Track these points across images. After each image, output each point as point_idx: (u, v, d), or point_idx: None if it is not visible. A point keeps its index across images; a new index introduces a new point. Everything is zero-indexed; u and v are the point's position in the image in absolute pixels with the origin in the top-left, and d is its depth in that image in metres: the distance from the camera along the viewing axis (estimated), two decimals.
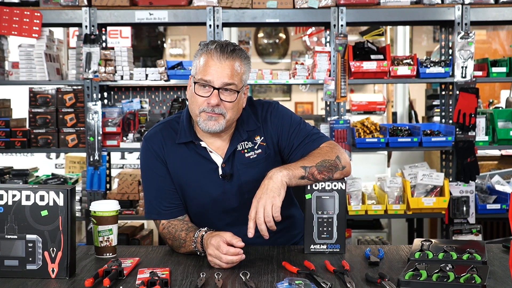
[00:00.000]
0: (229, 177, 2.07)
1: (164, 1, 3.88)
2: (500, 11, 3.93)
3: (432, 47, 7.95)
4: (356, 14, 3.90)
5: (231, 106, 2.00)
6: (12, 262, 1.75)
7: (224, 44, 2.00)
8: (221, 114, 1.99)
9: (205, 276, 1.72)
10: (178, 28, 8.98)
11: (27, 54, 3.94)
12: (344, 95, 3.89)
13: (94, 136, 3.89)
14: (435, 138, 3.90)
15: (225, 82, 1.97)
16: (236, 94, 2.00)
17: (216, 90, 1.97)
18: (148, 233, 4.32)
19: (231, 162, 2.08)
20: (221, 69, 1.97)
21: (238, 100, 2.01)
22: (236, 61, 2.00)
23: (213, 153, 2.08)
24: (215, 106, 1.97)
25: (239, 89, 2.01)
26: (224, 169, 2.07)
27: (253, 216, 1.86)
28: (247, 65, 2.05)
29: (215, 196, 2.08)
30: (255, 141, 2.10)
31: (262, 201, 1.86)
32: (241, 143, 2.09)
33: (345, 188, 1.99)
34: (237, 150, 2.08)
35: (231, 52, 1.99)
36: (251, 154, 2.09)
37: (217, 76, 1.97)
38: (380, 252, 1.96)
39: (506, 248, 2.05)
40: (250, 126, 2.11)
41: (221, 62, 1.97)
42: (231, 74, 1.98)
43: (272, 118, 2.13)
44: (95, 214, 1.97)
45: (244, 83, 2.04)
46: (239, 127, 2.10)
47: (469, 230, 3.88)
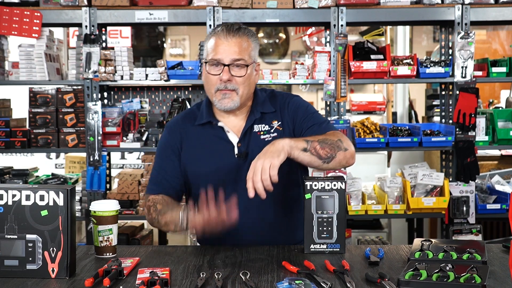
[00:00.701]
0: (244, 156, 2.13)
1: (164, 1, 3.88)
2: (500, 11, 3.93)
3: (432, 47, 7.95)
4: (356, 14, 3.90)
5: (243, 81, 2.10)
6: (12, 262, 1.75)
7: (229, 24, 2.13)
8: (233, 90, 2.10)
9: (205, 276, 1.72)
10: (178, 28, 8.98)
11: (27, 54, 3.94)
12: (344, 95, 3.89)
13: (94, 136, 3.89)
14: (435, 138, 3.90)
15: (234, 58, 2.08)
16: (246, 68, 2.10)
17: (227, 67, 2.08)
18: (148, 233, 4.32)
19: (246, 141, 2.15)
20: (229, 47, 2.09)
21: (249, 75, 2.12)
22: (243, 38, 2.11)
23: (230, 133, 2.16)
24: (227, 81, 2.09)
25: (248, 64, 2.11)
26: (240, 148, 2.15)
27: (251, 176, 1.86)
28: (255, 42, 2.16)
29: (230, 176, 2.13)
30: (272, 124, 2.19)
31: (260, 161, 1.88)
32: (258, 125, 2.18)
33: (345, 187, 1.99)
34: (254, 132, 2.17)
35: (237, 30, 2.11)
36: (266, 136, 2.16)
37: (226, 54, 2.08)
38: (380, 252, 1.96)
39: (506, 248, 2.05)
40: (265, 108, 2.20)
41: (228, 40, 2.09)
42: (239, 50, 2.09)
43: (290, 105, 2.21)
44: (95, 214, 1.97)
45: (253, 59, 2.14)
46: (253, 108, 2.19)
47: (469, 230, 3.88)
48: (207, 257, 1.96)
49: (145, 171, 4.06)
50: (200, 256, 1.98)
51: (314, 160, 1.99)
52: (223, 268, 1.82)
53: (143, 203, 2.19)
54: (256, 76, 2.20)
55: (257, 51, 2.18)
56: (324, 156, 2.00)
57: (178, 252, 2.04)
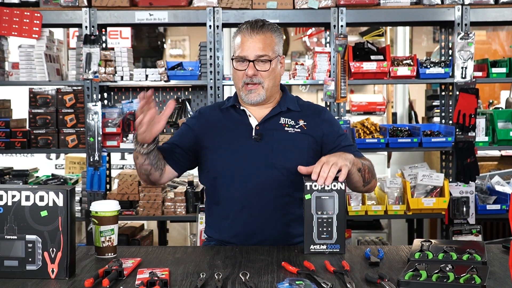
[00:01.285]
0: (259, 138, 2.25)
1: (164, 2, 3.88)
2: (500, 11, 3.93)
3: (432, 48, 7.95)
4: (356, 14, 3.90)
5: (267, 75, 2.25)
6: (12, 262, 1.75)
7: (254, 22, 2.27)
8: (259, 83, 2.24)
9: (205, 276, 1.72)
10: (178, 28, 8.98)
11: (27, 55, 3.94)
12: (344, 95, 3.89)
13: (94, 136, 3.89)
14: (435, 138, 3.90)
15: (258, 55, 2.22)
16: (270, 63, 2.24)
17: (252, 63, 2.22)
18: (148, 234, 4.32)
19: (267, 127, 2.27)
20: (253, 44, 2.23)
21: (273, 69, 2.26)
22: (266, 34, 2.25)
23: (251, 117, 2.30)
24: (252, 76, 2.23)
25: (272, 59, 2.24)
26: (257, 130, 2.26)
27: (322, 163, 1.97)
28: (278, 36, 2.29)
29: (246, 157, 2.24)
30: (298, 122, 2.30)
31: (335, 158, 2.00)
32: (285, 118, 2.30)
33: (344, 188, 1.99)
34: (279, 122, 2.29)
35: (261, 27, 2.24)
36: (290, 129, 2.28)
37: (250, 51, 2.22)
38: (380, 252, 1.96)
39: (506, 248, 2.05)
40: (292, 106, 2.33)
41: (252, 37, 2.23)
42: (262, 46, 2.23)
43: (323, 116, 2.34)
44: (97, 214, 1.97)
45: (277, 53, 2.28)
46: (281, 102, 2.33)
47: (469, 230, 3.88)
48: (207, 258, 1.96)
49: None
50: (200, 256, 1.98)
51: (359, 181, 2.17)
52: (223, 269, 1.82)
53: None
54: (282, 68, 2.33)
55: (281, 45, 2.31)
56: (366, 180, 2.21)
57: (178, 252, 2.04)
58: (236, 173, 2.24)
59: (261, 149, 2.24)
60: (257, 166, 2.23)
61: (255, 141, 2.25)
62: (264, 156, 2.23)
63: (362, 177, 2.17)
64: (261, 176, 2.22)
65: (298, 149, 2.25)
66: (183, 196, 3.97)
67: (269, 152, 2.23)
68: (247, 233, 2.22)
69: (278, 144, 2.25)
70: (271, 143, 2.25)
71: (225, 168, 2.26)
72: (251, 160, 2.23)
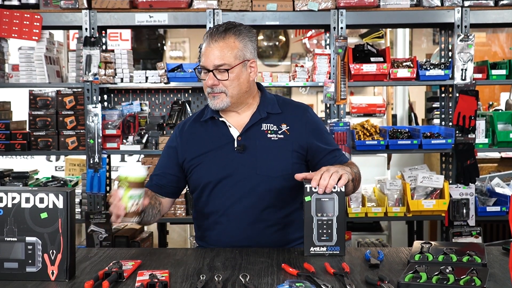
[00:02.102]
0: (242, 149, 2.20)
1: (164, 4, 3.89)
2: (499, 13, 3.93)
3: (432, 50, 7.95)
4: (356, 16, 3.90)
5: (229, 83, 2.17)
6: (12, 264, 1.75)
7: (217, 27, 2.19)
8: (222, 92, 2.19)
9: (205, 278, 1.72)
10: (178, 30, 8.98)
11: (27, 57, 3.94)
12: (344, 97, 3.89)
13: (94, 138, 3.89)
14: (435, 140, 3.90)
15: (215, 64, 2.15)
16: (228, 72, 2.15)
17: (211, 72, 2.16)
18: (148, 236, 4.31)
19: (248, 137, 2.22)
20: (211, 53, 2.16)
21: (236, 76, 2.18)
22: (227, 41, 2.16)
23: (232, 127, 2.25)
24: (212, 86, 2.17)
25: (232, 66, 2.15)
26: (239, 141, 2.22)
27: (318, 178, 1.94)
28: (243, 40, 2.19)
29: (229, 169, 2.20)
30: (280, 127, 2.25)
31: (335, 168, 1.98)
32: (267, 124, 2.24)
33: (344, 190, 1.99)
34: (261, 130, 2.24)
35: (223, 32, 2.17)
36: (273, 136, 2.23)
37: (209, 60, 2.16)
38: (380, 254, 1.96)
39: (506, 250, 2.05)
40: (272, 109, 2.27)
41: (211, 46, 2.16)
42: (221, 55, 2.15)
43: (306, 120, 2.28)
44: (129, 179, 1.96)
45: (241, 59, 2.18)
46: (260, 108, 2.27)
47: (469, 232, 3.88)
48: (206, 260, 1.96)
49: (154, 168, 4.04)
50: (200, 258, 1.98)
51: (350, 190, 2.16)
52: (223, 271, 1.82)
53: None
54: (251, 73, 2.24)
55: (249, 49, 2.21)
56: (356, 186, 2.20)
57: (178, 254, 2.04)
58: (221, 186, 2.21)
59: (245, 160, 2.20)
60: (242, 178, 2.19)
61: (238, 153, 2.21)
62: (249, 167, 2.19)
63: (353, 187, 2.16)
64: (246, 187, 2.19)
65: (283, 156, 2.20)
66: (183, 198, 3.97)
67: (253, 163, 2.19)
68: (233, 245, 2.19)
69: (261, 153, 2.20)
70: (255, 153, 2.20)
71: (209, 182, 2.22)
72: (236, 172, 2.19)
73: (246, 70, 2.21)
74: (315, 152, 2.26)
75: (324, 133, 2.32)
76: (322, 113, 5.00)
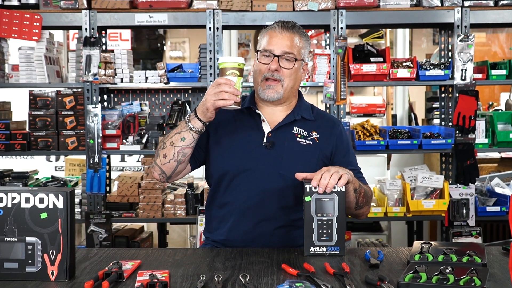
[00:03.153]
0: (270, 145, 2.22)
1: (164, 4, 3.89)
2: (499, 13, 3.93)
3: (432, 50, 7.96)
4: (356, 16, 3.90)
5: (289, 74, 2.22)
6: (12, 264, 1.75)
7: (285, 21, 2.27)
8: (279, 80, 2.21)
9: (204, 278, 1.72)
10: (178, 30, 8.98)
11: (27, 57, 3.94)
12: (344, 97, 3.89)
13: (94, 138, 3.89)
14: (435, 140, 3.90)
15: (284, 51, 2.21)
16: (294, 62, 2.21)
17: (276, 57, 2.20)
18: (148, 236, 4.32)
19: (279, 135, 2.24)
20: (282, 40, 2.22)
21: (296, 70, 2.24)
22: (295, 35, 2.24)
23: (265, 122, 2.26)
24: (274, 71, 2.20)
25: (297, 59, 2.22)
26: (269, 138, 2.23)
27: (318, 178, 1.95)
28: (306, 41, 2.29)
29: (254, 162, 2.21)
30: (311, 133, 2.28)
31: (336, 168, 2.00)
32: (299, 128, 2.27)
33: (344, 190, 1.99)
34: (292, 132, 2.26)
35: (291, 27, 2.24)
36: (302, 140, 2.26)
37: (278, 46, 2.21)
38: (380, 254, 1.96)
39: (506, 250, 2.05)
40: (306, 114, 2.30)
41: (282, 34, 2.23)
42: (290, 44, 2.22)
43: (337, 131, 2.32)
44: (241, 66, 2.04)
45: (302, 56, 2.26)
46: (295, 110, 2.30)
47: (469, 232, 3.88)
48: (206, 260, 1.96)
49: (145, 173, 4.06)
50: (200, 258, 1.98)
51: (353, 201, 2.14)
52: (223, 271, 1.82)
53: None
54: (303, 74, 2.31)
55: (307, 51, 2.30)
56: (359, 204, 2.18)
57: (177, 254, 2.04)
58: (241, 178, 2.22)
59: (270, 157, 2.21)
60: (263, 173, 2.20)
61: (265, 148, 2.22)
62: (272, 164, 2.20)
63: (356, 198, 2.14)
64: (266, 184, 2.20)
65: (308, 162, 2.21)
66: (183, 198, 3.97)
67: (278, 161, 2.21)
68: (243, 239, 2.20)
69: (288, 154, 2.22)
70: (281, 152, 2.22)
71: (231, 170, 2.23)
72: (259, 166, 2.21)
73: (301, 70, 2.29)
74: (336, 158, 2.28)
75: (350, 151, 2.34)
76: None
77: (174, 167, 2.20)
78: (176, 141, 2.16)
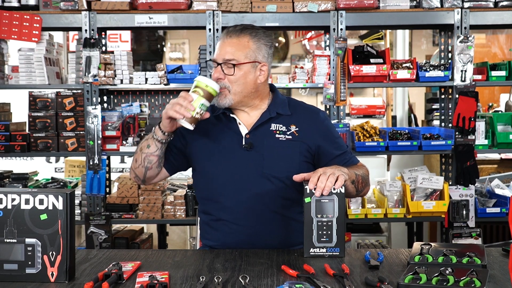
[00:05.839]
0: (249, 146, 2.20)
1: (164, 5, 3.89)
2: (499, 15, 3.93)
3: (432, 51, 7.96)
4: (356, 18, 3.91)
5: (234, 79, 2.18)
6: (11, 266, 1.75)
7: (235, 25, 2.24)
8: (225, 88, 2.18)
9: (204, 280, 1.72)
10: (177, 32, 8.99)
11: (26, 58, 3.94)
12: (344, 98, 3.90)
13: (94, 140, 3.89)
14: (434, 141, 3.90)
15: (225, 58, 2.18)
16: (236, 68, 2.17)
17: (219, 66, 2.18)
18: (148, 237, 4.32)
19: (256, 135, 2.23)
20: (224, 47, 2.19)
21: (243, 75, 2.19)
22: (242, 39, 2.19)
23: (241, 125, 2.25)
24: (218, 80, 2.17)
25: (241, 63, 2.17)
26: (247, 139, 2.22)
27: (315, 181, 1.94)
28: (257, 42, 2.22)
29: (235, 165, 2.20)
30: (289, 128, 2.25)
31: (332, 169, 1.98)
32: (276, 124, 2.25)
33: (344, 191, 1.99)
34: (270, 129, 2.24)
35: (239, 30, 2.20)
36: (281, 136, 2.23)
37: (220, 54, 2.19)
38: (380, 255, 1.96)
39: (506, 251, 2.05)
40: (281, 110, 2.27)
41: (224, 41, 2.20)
42: (232, 50, 2.18)
43: (318, 122, 2.29)
44: (208, 89, 2.06)
45: (251, 59, 2.20)
46: (270, 108, 2.27)
47: (468, 233, 3.88)
48: (206, 261, 1.96)
49: None
50: (200, 260, 1.98)
51: (353, 192, 2.15)
52: (223, 272, 1.82)
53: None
54: (260, 76, 2.24)
55: (262, 52, 2.23)
56: (359, 189, 2.18)
57: (177, 256, 2.04)
58: (226, 183, 2.20)
59: (251, 159, 2.20)
60: (248, 176, 2.19)
61: (245, 150, 2.21)
62: (255, 165, 2.19)
63: (355, 188, 2.15)
64: (252, 186, 2.19)
65: (290, 156, 2.21)
66: (182, 199, 3.97)
67: (260, 162, 2.20)
68: (237, 243, 2.19)
69: (268, 153, 2.20)
70: (262, 152, 2.20)
71: (215, 177, 2.22)
72: (242, 169, 2.20)
73: (255, 72, 2.22)
74: (323, 155, 2.26)
75: (334, 137, 2.31)
76: None
77: (143, 172, 2.27)
78: (143, 147, 2.23)
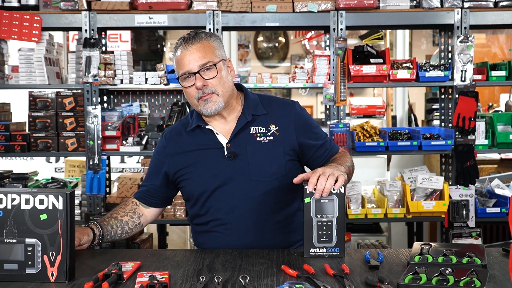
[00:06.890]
0: (233, 156, 2.16)
1: (164, 5, 3.89)
2: (499, 15, 3.93)
3: (432, 51, 7.96)
4: (356, 18, 3.91)
5: (217, 81, 2.13)
6: (12, 266, 1.75)
7: (186, 35, 2.17)
8: (212, 92, 2.13)
9: (204, 280, 1.72)
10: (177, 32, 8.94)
11: (26, 58, 3.94)
12: (344, 98, 3.90)
13: (94, 140, 3.89)
14: (434, 141, 3.90)
15: (200, 64, 2.11)
16: (215, 68, 2.12)
17: (198, 74, 2.11)
18: (148, 237, 4.32)
19: (237, 143, 2.18)
20: (192, 55, 2.12)
21: (222, 74, 2.15)
22: (202, 42, 2.14)
23: (219, 135, 2.20)
24: (202, 87, 2.12)
25: (216, 63, 2.13)
26: (229, 148, 2.17)
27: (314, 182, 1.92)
28: (216, 41, 2.18)
29: (222, 177, 2.17)
30: (269, 128, 2.21)
31: (330, 169, 1.96)
32: (255, 127, 2.21)
33: (344, 191, 1.98)
34: (250, 133, 2.20)
35: (195, 36, 2.15)
36: (262, 139, 2.20)
37: (192, 63, 2.12)
38: (380, 255, 1.96)
39: (506, 251, 2.05)
40: (257, 110, 2.23)
41: (189, 50, 2.13)
42: (202, 54, 2.12)
43: (294, 117, 2.24)
44: None
45: (220, 57, 2.17)
46: (245, 111, 2.22)
47: (468, 233, 3.88)
48: (206, 261, 1.96)
49: (145, 174, 4.05)
50: (200, 260, 1.98)
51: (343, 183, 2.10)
52: (223, 272, 1.82)
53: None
54: (231, 72, 2.22)
55: (222, 49, 2.20)
56: (350, 177, 2.19)
57: (177, 256, 2.04)
58: (216, 196, 2.18)
59: (237, 167, 2.16)
60: (236, 185, 2.16)
61: (229, 160, 2.16)
62: (242, 174, 2.15)
63: (348, 178, 2.14)
64: (242, 194, 2.16)
65: (275, 158, 2.17)
66: (182, 199, 3.97)
67: (246, 168, 2.16)
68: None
69: (253, 158, 2.16)
70: (246, 158, 2.16)
71: (203, 192, 2.19)
72: (229, 180, 2.16)
73: (226, 69, 2.19)
74: (306, 149, 2.24)
75: (312, 127, 2.28)
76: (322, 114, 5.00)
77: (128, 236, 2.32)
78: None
